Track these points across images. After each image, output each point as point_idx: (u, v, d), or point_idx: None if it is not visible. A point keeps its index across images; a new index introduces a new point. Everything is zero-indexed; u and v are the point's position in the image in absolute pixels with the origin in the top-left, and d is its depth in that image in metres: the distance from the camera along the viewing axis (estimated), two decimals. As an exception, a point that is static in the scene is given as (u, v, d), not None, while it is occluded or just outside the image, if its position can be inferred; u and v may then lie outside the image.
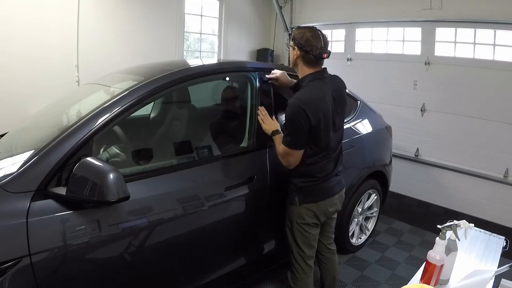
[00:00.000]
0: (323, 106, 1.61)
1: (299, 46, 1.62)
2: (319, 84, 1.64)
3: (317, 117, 1.58)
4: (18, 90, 3.01)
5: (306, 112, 1.55)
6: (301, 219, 1.75)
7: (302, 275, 1.81)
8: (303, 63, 1.66)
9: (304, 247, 1.78)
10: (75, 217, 1.27)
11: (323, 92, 1.63)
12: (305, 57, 1.63)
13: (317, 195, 1.73)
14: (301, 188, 1.72)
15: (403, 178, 3.74)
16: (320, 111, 1.59)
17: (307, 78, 1.66)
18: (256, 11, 5.03)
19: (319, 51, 1.60)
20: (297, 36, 1.64)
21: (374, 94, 3.73)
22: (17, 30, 2.94)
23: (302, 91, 1.63)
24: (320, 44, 1.61)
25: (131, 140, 1.86)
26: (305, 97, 1.59)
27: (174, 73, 1.69)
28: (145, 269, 1.51)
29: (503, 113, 3.14)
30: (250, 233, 1.97)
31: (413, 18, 3.64)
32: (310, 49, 1.60)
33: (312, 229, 1.77)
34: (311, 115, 1.56)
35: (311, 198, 1.72)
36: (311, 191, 1.72)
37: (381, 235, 3.13)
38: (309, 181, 1.71)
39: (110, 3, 3.48)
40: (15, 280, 1.13)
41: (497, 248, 1.67)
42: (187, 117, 2.16)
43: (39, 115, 2.11)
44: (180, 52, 4.19)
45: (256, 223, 1.96)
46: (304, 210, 1.73)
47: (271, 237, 2.09)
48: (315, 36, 1.61)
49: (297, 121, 1.57)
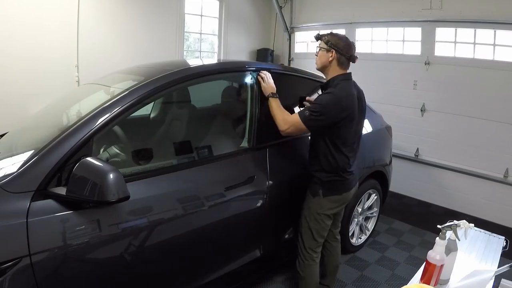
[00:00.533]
0: (354, 102, 1.79)
1: (337, 49, 1.79)
2: (349, 84, 1.83)
3: (347, 112, 1.75)
4: (18, 90, 3.01)
5: (340, 107, 1.72)
6: (322, 210, 1.88)
7: (311, 261, 1.95)
8: (337, 64, 1.81)
9: (317, 236, 1.92)
10: (75, 217, 1.27)
11: (352, 91, 1.82)
12: (340, 59, 1.81)
13: (340, 188, 1.89)
14: (326, 182, 1.86)
15: (403, 178, 3.74)
16: (351, 106, 1.77)
17: (338, 77, 1.81)
18: (256, 11, 5.03)
19: (353, 56, 1.82)
20: (334, 41, 1.80)
21: (374, 94, 3.71)
22: (17, 30, 2.94)
23: (336, 89, 1.77)
24: (354, 50, 1.84)
25: (131, 140, 1.86)
26: (340, 94, 1.75)
27: (174, 73, 1.69)
28: (145, 269, 1.51)
29: (503, 113, 3.14)
30: (250, 233, 1.96)
31: (413, 18, 3.64)
32: (346, 53, 1.79)
33: (328, 220, 1.93)
34: (343, 109, 1.73)
35: (334, 191, 1.88)
36: (335, 185, 1.87)
37: (381, 235, 3.13)
38: (333, 176, 1.85)
39: (110, 3, 3.49)
40: (15, 280, 1.13)
41: (497, 248, 1.67)
42: (187, 117, 2.16)
43: (39, 115, 2.10)
44: (180, 52, 4.19)
45: (256, 223, 1.96)
46: (326, 202, 1.87)
47: (271, 237, 2.09)
48: (348, 43, 1.82)
49: (327, 110, 1.71)
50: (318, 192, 1.87)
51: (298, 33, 5.00)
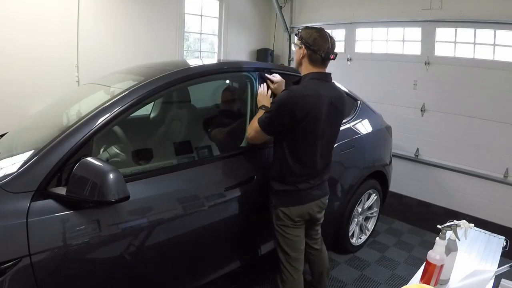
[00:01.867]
0: (313, 104, 1.59)
1: (306, 45, 1.61)
2: (317, 84, 1.63)
3: (303, 112, 1.56)
4: (18, 90, 3.01)
5: (294, 105, 1.55)
6: (279, 221, 1.74)
7: (289, 277, 1.78)
8: (309, 62, 1.64)
9: (287, 249, 1.76)
10: (75, 217, 1.27)
11: (319, 92, 1.61)
12: (311, 56, 1.62)
13: (291, 201, 1.70)
14: (277, 191, 1.72)
15: (403, 178, 3.74)
16: (308, 107, 1.57)
17: (308, 76, 1.65)
18: (256, 11, 5.03)
19: (326, 52, 1.61)
20: (305, 36, 1.63)
21: (374, 94, 3.73)
22: (17, 30, 2.94)
23: (298, 86, 1.63)
24: (328, 45, 1.61)
25: (131, 140, 1.86)
26: (298, 91, 1.59)
27: (174, 73, 1.69)
28: (145, 269, 1.51)
29: (503, 113, 3.14)
30: (250, 233, 1.96)
31: (413, 18, 3.64)
32: (317, 49, 1.60)
33: (292, 230, 1.74)
34: (298, 109, 1.55)
35: (285, 203, 1.71)
36: (286, 196, 1.70)
37: (381, 235, 3.13)
38: (285, 185, 1.69)
39: (110, 3, 3.49)
40: (15, 280, 1.13)
41: (497, 248, 1.67)
42: (187, 117, 2.16)
43: (39, 115, 2.10)
44: (180, 52, 4.19)
45: (256, 223, 1.96)
46: (280, 213, 1.72)
47: (271, 237, 2.08)
48: (322, 36, 1.61)
49: (280, 109, 1.57)
50: (271, 202, 1.75)
51: (298, 33, 4.99)
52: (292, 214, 1.71)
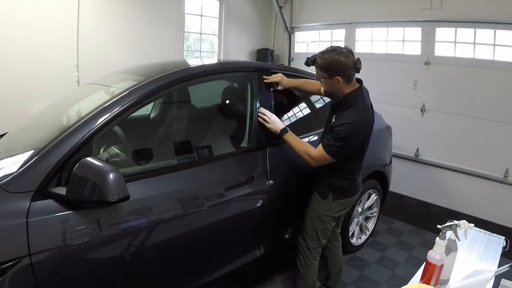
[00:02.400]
0: (370, 122, 1.77)
1: (340, 74, 1.64)
2: (362, 98, 1.74)
3: (367, 133, 1.76)
4: (18, 90, 3.01)
5: (362, 132, 1.72)
6: (330, 212, 1.90)
7: (313, 261, 1.98)
8: (345, 84, 1.69)
9: (321, 236, 1.95)
10: (75, 217, 1.27)
11: (368, 106, 1.77)
12: (347, 79, 1.67)
13: (350, 192, 1.92)
14: (336, 185, 1.87)
15: (403, 178, 3.74)
16: (369, 128, 1.77)
17: (351, 94, 1.72)
18: (256, 11, 5.02)
19: (357, 67, 1.67)
20: (332, 65, 1.63)
21: (374, 94, 3.66)
22: (17, 30, 2.94)
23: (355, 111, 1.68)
24: (352, 58, 1.65)
25: (131, 140, 1.86)
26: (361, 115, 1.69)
27: (174, 73, 1.69)
28: (145, 269, 1.51)
29: (503, 113, 3.14)
30: (250, 233, 1.96)
31: (413, 18, 3.64)
32: (348, 68, 1.64)
33: (334, 222, 1.96)
34: (363, 135, 1.74)
35: (344, 195, 1.90)
36: (345, 189, 1.89)
37: (381, 235, 3.13)
38: (343, 180, 1.87)
39: (110, 3, 3.49)
40: (15, 280, 1.13)
41: (497, 248, 1.67)
42: (187, 117, 2.15)
43: (39, 115, 2.10)
44: (180, 52, 4.19)
45: (256, 223, 1.96)
46: (336, 205, 1.89)
47: (271, 237, 2.09)
48: (343, 54, 1.63)
49: (352, 142, 1.70)
50: (328, 195, 1.88)
51: (298, 33, 5.00)
52: (346, 205, 1.93)
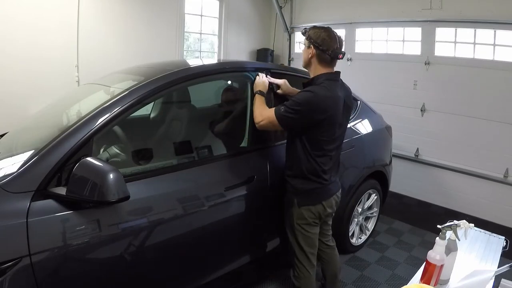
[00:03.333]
0: (334, 105, 1.64)
1: (315, 45, 1.64)
2: (333, 85, 1.67)
3: (326, 113, 1.61)
4: (18, 90, 3.01)
5: (316, 106, 1.59)
6: (301, 220, 1.77)
7: (305, 273, 1.82)
8: (318, 62, 1.67)
9: (306, 246, 1.80)
10: (75, 217, 1.27)
11: (335, 92, 1.66)
12: (320, 56, 1.65)
13: (315, 197, 1.75)
14: (300, 190, 1.74)
15: (403, 178, 3.74)
16: (332, 109, 1.63)
17: (321, 77, 1.67)
18: (256, 11, 5.02)
19: (334, 51, 1.64)
20: (313, 35, 1.65)
21: (374, 94, 3.73)
22: (17, 30, 2.94)
23: (317, 87, 1.63)
24: (336, 45, 1.64)
25: (131, 140, 1.86)
26: (321, 93, 1.60)
27: (174, 73, 1.69)
28: (145, 269, 1.51)
29: (503, 113, 3.14)
30: (250, 233, 1.96)
31: (413, 18, 3.64)
32: (326, 49, 1.63)
33: (313, 228, 1.80)
34: (321, 110, 1.60)
35: (310, 200, 1.75)
36: (310, 193, 1.74)
37: (381, 235, 3.13)
38: (308, 183, 1.72)
39: (110, 3, 3.48)
40: (15, 280, 1.13)
41: (497, 248, 1.67)
42: (187, 117, 2.16)
43: (39, 115, 2.10)
44: (180, 52, 4.19)
45: (256, 223, 1.96)
46: (303, 211, 1.75)
47: (271, 237, 2.09)
48: (331, 36, 1.64)
49: (302, 110, 1.59)
50: (293, 202, 1.76)
51: (298, 33, 4.99)
52: (316, 211, 1.75)
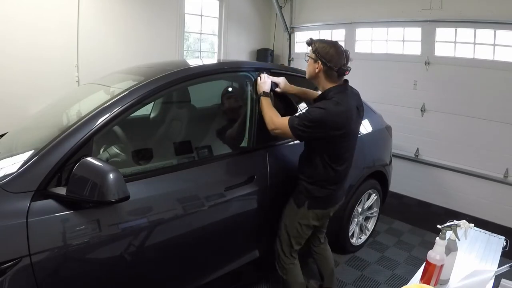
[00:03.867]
0: (350, 119, 1.66)
1: (323, 61, 1.64)
2: (345, 98, 1.67)
3: (343, 130, 1.63)
4: (18, 90, 3.01)
5: (331, 124, 1.60)
6: (304, 220, 1.81)
7: (291, 265, 1.90)
8: (325, 77, 1.68)
9: (295, 243, 1.87)
10: (75, 217, 1.27)
11: (350, 106, 1.67)
12: (327, 72, 1.66)
13: (327, 203, 1.82)
14: (313, 194, 1.77)
15: (403, 178, 3.74)
16: (346, 124, 1.63)
17: (332, 90, 1.68)
18: (256, 11, 5.03)
19: (341, 69, 1.65)
20: (321, 51, 1.65)
21: (374, 94, 3.73)
22: (17, 30, 2.94)
23: (329, 102, 1.63)
24: (343, 61, 1.65)
25: (131, 140, 1.85)
26: (334, 110, 1.60)
27: (174, 73, 1.69)
28: (145, 269, 1.51)
29: (503, 113, 3.14)
30: (250, 233, 1.96)
31: (413, 18, 3.64)
32: (334, 65, 1.63)
33: (309, 230, 1.87)
34: (337, 127, 1.61)
35: (321, 205, 1.80)
36: (322, 199, 1.79)
37: (381, 235, 3.13)
38: (321, 189, 1.76)
39: (110, 3, 3.49)
40: (15, 280, 1.13)
41: (497, 248, 1.67)
42: (187, 117, 2.15)
43: (39, 115, 2.10)
44: (180, 52, 4.19)
45: (256, 223, 1.96)
46: (310, 214, 1.80)
47: (271, 236, 2.08)
48: (338, 52, 1.65)
49: (317, 126, 1.60)
50: (303, 203, 1.79)
51: (298, 33, 5.00)
52: (322, 215, 1.83)
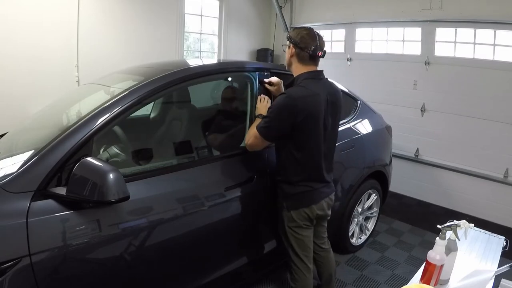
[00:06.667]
0: (312, 104, 1.60)
1: (294, 43, 1.64)
2: (313, 84, 1.64)
3: (303, 114, 1.56)
4: (18, 90, 3.01)
5: (293, 108, 1.55)
6: (292, 223, 1.76)
7: (301, 276, 1.81)
8: (298, 60, 1.66)
9: (299, 249, 1.79)
10: (75, 217, 1.27)
11: (316, 91, 1.62)
12: (299, 54, 1.64)
13: (305, 201, 1.73)
14: (289, 193, 1.73)
15: (403, 178, 3.74)
16: (308, 108, 1.58)
17: (301, 76, 1.66)
18: (256, 11, 5.03)
19: (314, 49, 1.61)
20: (293, 35, 1.66)
21: (374, 94, 3.73)
22: (17, 30, 2.94)
23: (294, 88, 1.63)
24: (316, 43, 1.62)
25: (131, 140, 1.85)
26: (296, 94, 1.58)
27: (174, 73, 1.69)
28: (145, 269, 1.51)
29: (503, 113, 3.15)
30: (250, 233, 1.96)
31: (413, 18, 3.65)
32: (305, 46, 1.61)
33: (304, 231, 1.78)
34: (297, 111, 1.55)
35: (299, 204, 1.73)
36: (299, 197, 1.72)
37: (381, 235, 3.13)
38: (297, 187, 1.70)
39: (110, 3, 3.49)
40: (15, 280, 1.13)
41: (497, 248, 1.67)
42: (187, 117, 2.16)
43: (39, 115, 2.10)
44: (180, 52, 4.19)
45: (256, 223, 1.96)
46: (293, 214, 1.74)
47: (271, 237, 2.08)
48: (310, 34, 1.63)
49: (279, 114, 1.58)
50: (282, 205, 1.76)
51: (298, 33, 4.99)
52: (306, 214, 1.73)
